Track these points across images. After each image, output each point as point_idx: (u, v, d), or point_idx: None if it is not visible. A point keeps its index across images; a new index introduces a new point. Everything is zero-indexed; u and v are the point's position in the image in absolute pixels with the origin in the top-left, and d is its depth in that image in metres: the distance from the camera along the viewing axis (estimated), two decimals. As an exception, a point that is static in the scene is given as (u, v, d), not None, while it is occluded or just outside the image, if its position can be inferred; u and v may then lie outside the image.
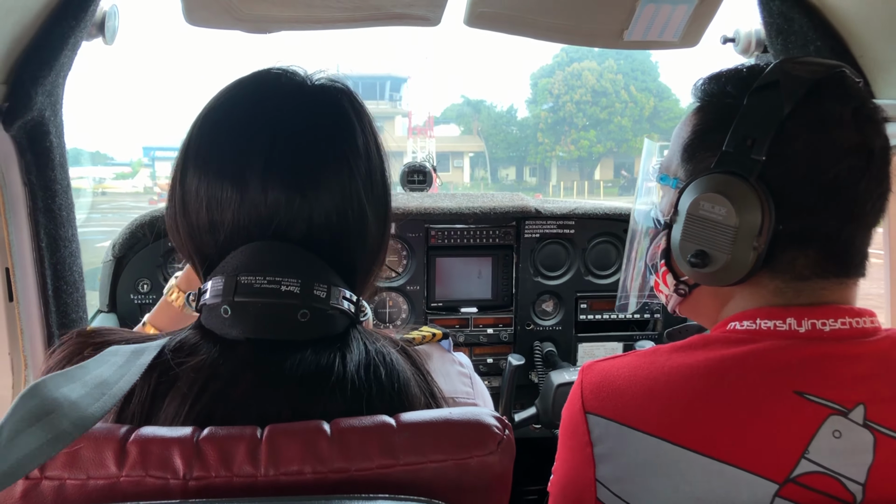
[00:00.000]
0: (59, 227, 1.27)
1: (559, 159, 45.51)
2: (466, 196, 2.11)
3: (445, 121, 50.11)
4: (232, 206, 0.72)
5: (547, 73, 45.15)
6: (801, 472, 0.73)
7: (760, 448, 0.75)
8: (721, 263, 0.83)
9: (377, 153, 0.81)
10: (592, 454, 0.84)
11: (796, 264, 0.82)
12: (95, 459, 0.60)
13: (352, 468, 0.61)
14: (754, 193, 0.80)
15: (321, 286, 0.71)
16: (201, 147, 0.75)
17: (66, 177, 1.29)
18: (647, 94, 42.87)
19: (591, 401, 0.86)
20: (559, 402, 1.61)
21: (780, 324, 0.81)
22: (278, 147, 0.73)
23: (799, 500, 0.73)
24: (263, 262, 0.71)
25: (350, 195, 0.75)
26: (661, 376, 0.82)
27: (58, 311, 1.28)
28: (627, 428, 0.81)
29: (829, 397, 0.75)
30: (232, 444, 0.61)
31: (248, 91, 0.78)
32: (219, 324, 0.71)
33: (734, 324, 0.85)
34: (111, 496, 0.60)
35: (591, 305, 2.13)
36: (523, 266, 2.08)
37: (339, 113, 0.78)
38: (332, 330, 0.73)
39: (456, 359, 0.91)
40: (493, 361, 2.11)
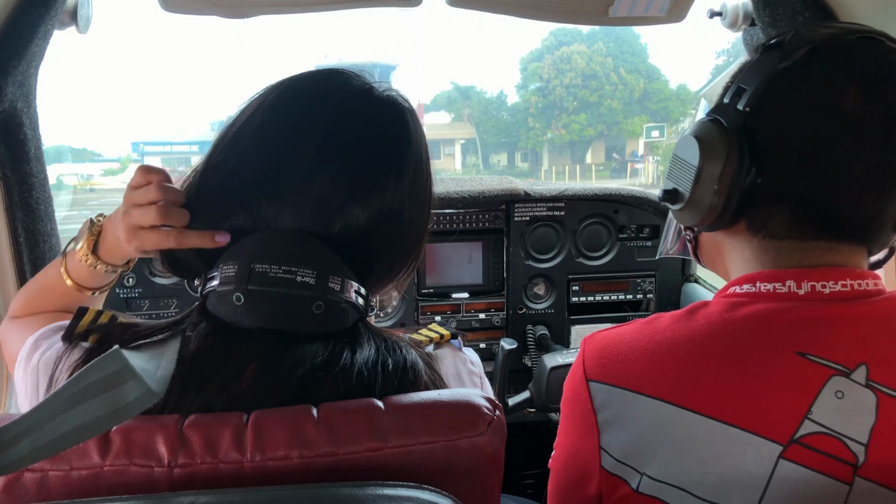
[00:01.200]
0: (38, 221, 1.24)
1: (550, 144, 45.45)
2: (455, 180, 2.10)
3: (435, 108, 49.93)
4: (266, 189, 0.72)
5: (536, 58, 44.98)
6: (805, 432, 0.73)
7: (764, 409, 0.74)
8: (684, 202, 0.89)
9: (427, 171, 0.83)
10: (596, 422, 0.83)
11: (771, 221, 0.83)
12: (78, 449, 0.59)
13: (340, 452, 0.61)
14: (724, 139, 0.82)
15: (336, 279, 0.71)
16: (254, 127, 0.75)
17: (43, 170, 1.26)
18: (637, 76, 42.78)
19: (592, 368, 0.86)
20: (553, 385, 1.60)
21: (779, 286, 0.81)
22: (332, 143, 0.73)
23: (803, 460, 0.73)
24: (279, 251, 0.70)
25: (391, 205, 0.76)
26: (664, 340, 0.82)
27: None
28: (630, 392, 0.81)
29: (831, 358, 0.75)
30: (217, 431, 0.60)
31: (317, 82, 0.79)
32: (230, 311, 0.70)
33: (735, 287, 0.85)
34: (95, 486, 0.59)
35: (583, 287, 2.13)
36: (514, 250, 2.07)
37: (400, 125, 0.80)
38: (343, 324, 0.73)
39: (467, 357, 0.90)
40: (485, 346, 2.11)
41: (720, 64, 40.54)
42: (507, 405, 1.66)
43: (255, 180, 0.73)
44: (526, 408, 1.68)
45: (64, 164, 28.50)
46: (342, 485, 0.57)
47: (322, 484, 0.57)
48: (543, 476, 2.33)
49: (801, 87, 0.79)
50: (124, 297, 1.87)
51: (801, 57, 0.79)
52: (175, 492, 0.57)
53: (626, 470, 0.81)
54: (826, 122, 0.78)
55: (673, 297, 2.18)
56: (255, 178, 0.73)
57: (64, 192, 13.69)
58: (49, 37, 1.22)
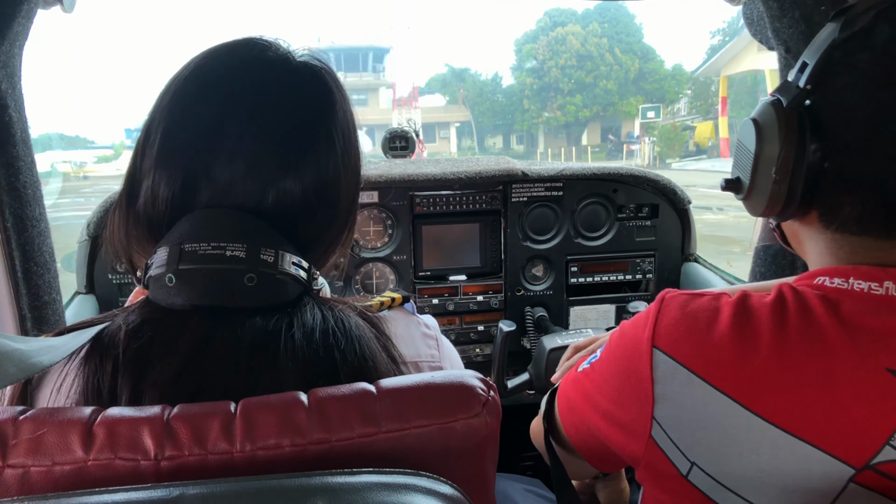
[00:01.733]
0: (25, 206, 1.21)
1: (546, 125, 45.35)
2: (451, 161, 2.07)
3: (430, 91, 49.74)
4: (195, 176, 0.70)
5: (531, 39, 44.77)
6: (883, 459, 0.66)
7: (842, 428, 0.68)
8: (745, 190, 0.83)
9: (354, 137, 0.81)
10: (652, 391, 0.77)
11: (842, 212, 0.75)
12: (60, 444, 0.57)
13: (332, 439, 0.59)
14: (780, 120, 0.76)
15: (268, 251, 0.70)
16: (174, 112, 0.73)
17: (30, 153, 1.23)
18: (632, 56, 42.59)
19: (664, 337, 0.78)
20: (552, 366, 1.59)
21: (875, 286, 0.72)
22: (256, 118, 0.72)
23: (876, 487, 0.67)
24: (208, 229, 0.69)
25: (326, 172, 0.75)
26: (748, 332, 0.74)
27: (28, 292, 1.24)
28: (697, 377, 0.74)
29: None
30: (205, 421, 0.58)
31: (230, 58, 0.76)
32: (164, 294, 0.69)
33: (823, 279, 0.76)
34: (79, 481, 0.57)
35: (581, 268, 2.11)
36: (511, 231, 2.04)
37: (323, 92, 0.78)
38: (283, 296, 0.71)
39: (421, 321, 0.88)
40: (483, 329, 2.09)
41: (715, 44, 40.31)
42: (506, 387, 1.64)
43: (184, 166, 0.71)
44: (525, 390, 1.67)
45: (57, 152, 28.34)
46: (336, 473, 0.55)
47: (315, 472, 0.55)
48: (542, 457, 2.33)
49: (862, 56, 0.72)
50: (118, 282, 1.84)
51: (866, 23, 0.72)
52: (164, 482, 0.55)
53: (675, 451, 0.76)
54: (888, 93, 0.70)
55: (673, 277, 2.16)
56: (184, 163, 0.71)
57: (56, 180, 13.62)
58: (33, 16, 1.19)
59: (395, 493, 0.54)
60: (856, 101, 0.72)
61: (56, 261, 1.32)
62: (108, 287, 1.84)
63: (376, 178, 1.93)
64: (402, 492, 0.55)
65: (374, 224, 2.00)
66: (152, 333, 0.67)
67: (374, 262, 2.01)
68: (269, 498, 0.53)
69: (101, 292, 1.84)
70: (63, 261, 1.79)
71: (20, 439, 0.57)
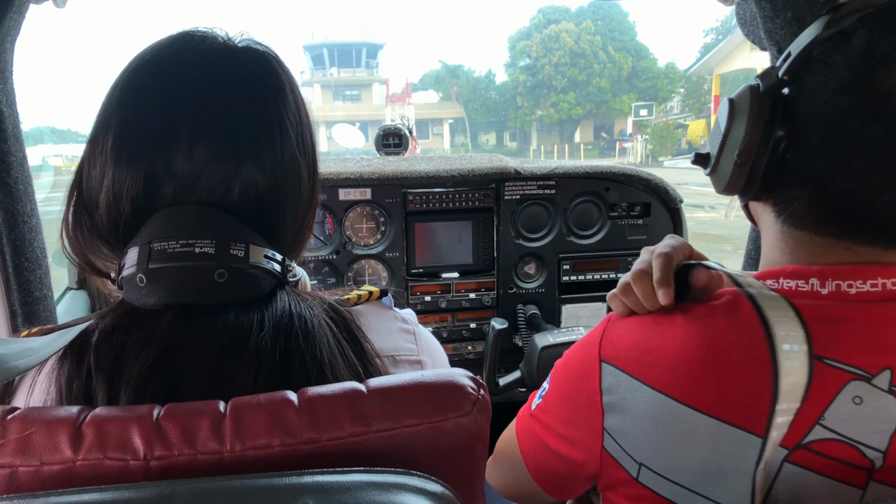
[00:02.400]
0: (17, 201, 1.21)
1: (539, 123, 45.37)
2: (444, 158, 2.07)
3: (424, 87, 49.66)
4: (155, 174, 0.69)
5: (524, 36, 44.79)
6: (814, 438, 0.70)
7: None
8: (710, 166, 0.87)
9: (306, 115, 0.80)
10: (601, 402, 0.82)
11: (792, 205, 0.78)
12: (49, 444, 0.56)
13: (322, 438, 0.59)
14: (753, 104, 0.78)
15: (238, 245, 0.69)
16: (124, 113, 0.72)
17: (22, 148, 1.22)
18: (625, 54, 42.69)
19: (608, 350, 0.84)
20: (544, 364, 1.59)
21: (802, 284, 0.75)
22: (206, 109, 0.71)
23: (809, 465, 0.70)
24: (176, 227, 0.68)
25: (283, 157, 0.74)
26: (679, 333, 0.78)
27: (20, 288, 1.23)
28: (637, 381, 0.79)
29: (851, 361, 0.70)
30: (194, 421, 0.58)
31: (171, 53, 0.75)
32: (136, 294, 0.68)
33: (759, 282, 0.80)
34: (67, 482, 0.56)
35: (573, 266, 2.11)
36: (504, 229, 2.05)
37: (269, 74, 0.77)
38: (257, 290, 0.70)
39: (398, 315, 0.87)
40: (476, 326, 2.09)
41: (708, 42, 40.44)
42: (498, 385, 1.65)
43: (143, 163, 0.70)
44: (517, 388, 1.67)
45: (49, 146, 28.16)
46: (327, 472, 0.55)
47: (306, 471, 0.55)
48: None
49: (837, 57, 0.72)
50: (108, 279, 1.83)
51: (848, 25, 0.72)
52: (154, 481, 0.55)
53: (625, 456, 0.80)
54: (857, 98, 0.70)
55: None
56: (142, 161, 0.70)
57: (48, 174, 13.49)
58: (24, 10, 1.18)
59: (386, 492, 0.54)
60: (822, 101, 0.73)
61: (48, 256, 1.32)
62: (99, 283, 1.83)
63: (369, 175, 1.92)
64: (393, 491, 0.55)
65: (367, 221, 2.00)
66: (125, 335, 0.66)
67: (366, 258, 2.01)
68: (260, 496, 0.53)
69: (93, 288, 1.83)
70: (54, 256, 1.78)
71: (8, 439, 0.56)
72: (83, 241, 0.74)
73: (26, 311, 1.25)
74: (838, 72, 0.72)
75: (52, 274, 1.35)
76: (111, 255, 0.73)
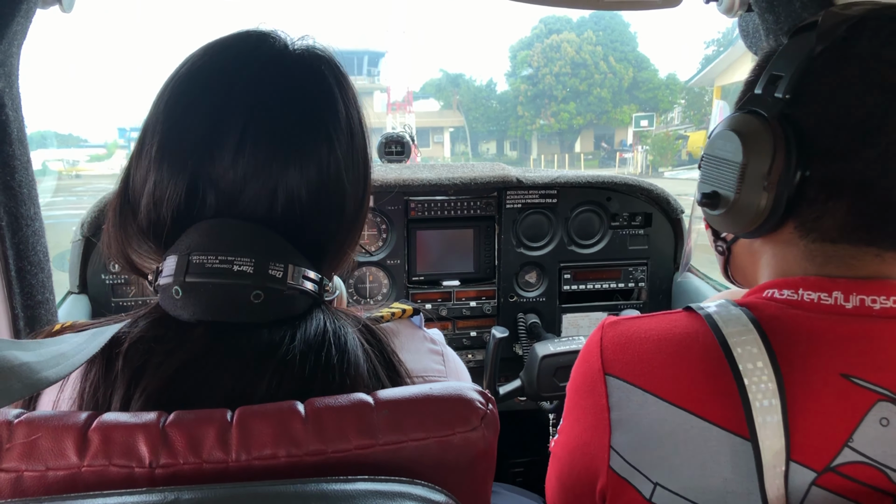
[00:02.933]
0: (20, 205, 1.21)
1: (539, 132, 45.42)
2: (446, 166, 2.07)
3: (425, 95, 49.73)
4: (198, 183, 0.68)
5: (526, 46, 44.88)
6: (843, 461, 0.68)
7: (800, 433, 0.69)
8: (730, 204, 0.81)
9: (360, 128, 0.78)
10: (609, 419, 0.78)
11: (824, 221, 0.76)
12: (54, 449, 0.56)
13: (328, 450, 0.58)
14: (767, 131, 0.76)
15: (277, 265, 0.68)
16: (170, 119, 0.71)
17: (26, 152, 1.22)
18: (626, 65, 42.76)
19: (612, 362, 0.80)
20: (544, 373, 1.59)
21: (825, 297, 0.74)
22: (253, 121, 0.69)
23: (838, 489, 0.68)
24: (216, 241, 0.67)
25: (328, 170, 0.72)
26: (694, 344, 0.76)
27: (22, 291, 1.23)
28: (651, 395, 0.75)
29: (878, 381, 0.69)
30: (200, 429, 0.58)
31: (226, 56, 0.74)
32: (171, 305, 0.68)
33: (772, 291, 0.78)
34: (72, 487, 0.56)
35: (574, 275, 2.11)
36: (505, 237, 2.05)
37: (320, 83, 0.75)
38: (291, 311, 0.70)
39: (427, 335, 0.86)
40: (476, 335, 2.09)
41: (709, 54, 40.53)
42: (498, 394, 1.65)
43: (186, 169, 0.69)
44: (517, 396, 1.67)
45: (49, 150, 28.19)
46: (331, 480, 0.55)
47: (310, 479, 0.55)
48: (533, 464, 2.33)
49: (846, 65, 0.73)
50: (111, 282, 1.84)
51: (842, 34, 0.74)
52: (158, 487, 0.55)
53: (635, 474, 0.76)
54: (878, 98, 0.71)
55: (665, 286, 2.17)
56: (186, 166, 0.69)
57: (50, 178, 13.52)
58: (31, 15, 1.18)
59: (390, 500, 0.54)
60: (842, 109, 0.73)
61: (50, 260, 1.32)
62: (100, 287, 1.83)
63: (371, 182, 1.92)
64: (397, 499, 0.55)
65: (369, 228, 2.00)
66: (154, 343, 0.66)
67: (367, 266, 2.01)
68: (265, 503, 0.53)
69: (94, 292, 1.83)
70: (55, 260, 1.78)
71: (14, 443, 0.56)
72: (126, 237, 0.73)
73: (28, 314, 1.25)
74: (851, 76, 0.72)
75: (52, 278, 1.35)
76: (152, 256, 0.72)
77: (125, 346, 0.66)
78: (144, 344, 0.66)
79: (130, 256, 0.74)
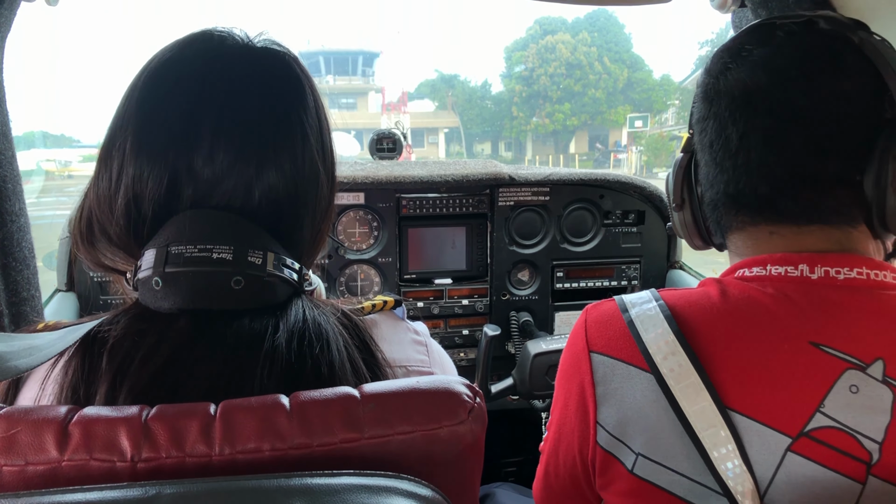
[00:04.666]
0: (5, 200, 1.19)
1: (534, 133, 45.50)
2: (438, 164, 2.06)
3: (419, 96, 49.76)
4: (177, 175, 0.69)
5: (521, 47, 44.97)
6: (816, 426, 0.71)
7: (774, 399, 0.72)
8: None
9: (326, 120, 0.79)
10: (594, 394, 0.81)
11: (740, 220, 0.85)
12: (34, 444, 0.55)
13: (313, 444, 0.58)
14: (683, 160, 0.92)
15: (256, 252, 0.68)
16: (144, 115, 0.71)
17: (11, 147, 1.21)
18: (621, 66, 42.89)
19: (595, 339, 0.83)
20: (536, 371, 1.58)
21: (791, 269, 0.78)
22: (228, 112, 0.70)
23: (812, 455, 0.70)
24: (195, 231, 0.67)
25: (303, 159, 0.73)
26: (671, 317, 0.79)
27: (7, 288, 1.21)
28: (634, 367, 0.78)
29: (846, 350, 0.72)
30: (183, 423, 0.57)
31: (192, 53, 0.74)
32: (152, 297, 0.68)
33: (743, 270, 0.83)
34: (52, 482, 0.55)
35: (567, 274, 2.10)
36: (498, 235, 2.04)
37: (290, 78, 0.76)
38: (272, 298, 0.70)
39: (410, 327, 0.87)
40: (468, 333, 2.08)
41: (703, 55, 40.64)
42: (490, 392, 1.64)
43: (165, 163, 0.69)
44: (509, 395, 1.66)
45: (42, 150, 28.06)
46: (316, 474, 0.54)
47: (294, 473, 0.54)
48: (525, 464, 2.32)
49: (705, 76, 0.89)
50: (98, 280, 1.82)
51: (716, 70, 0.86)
52: (139, 482, 0.54)
53: (619, 446, 0.79)
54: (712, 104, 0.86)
55: (657, 284, 2.16)
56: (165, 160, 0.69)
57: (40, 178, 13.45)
58: (15, 6, 1.17)
59: (376, 495, 0.53)
60: None
61: (36, 258, 1.30)
62: (88, 285, 1.82)
63: (363, 179, 1.92)
64: (383, 494, 0.54)
65: (360, 225, 1.99)
66: (137, 337, 0.65)
67: (358, 263, 2.00)
68: (248, 498, 0.52)
69: (82, 290, 1.82)
70: (44, 259, 1.76)
71: None
72: (95, 247, 0.73)
73: (13, 311, 1.24)
74: None
75: (40, 277, 1.34)
76: (126, 260, 0.72)
77: (109, 343, 0.65)
78: (128, 340, 0.65)
79: (104, 263, 0.74)
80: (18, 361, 0.59)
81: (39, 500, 0.51)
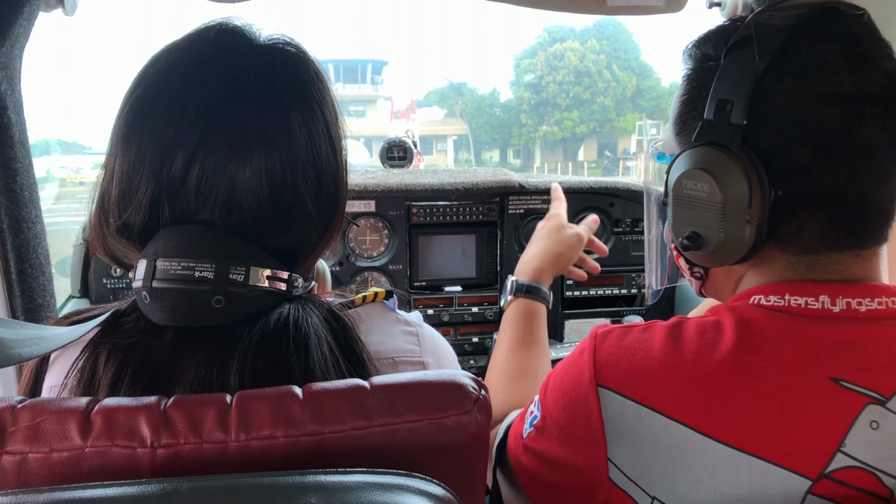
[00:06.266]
0: (22, 207, 1.22)
1: (543, 140, 45.51)
2: (448, 172, 2.08)
3: (428, 104, 49.89)
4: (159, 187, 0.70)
5: (529, 54, 45.04)
6: (837, 466, 0.68)
7: (793, 440, 0.69)
8: (715, 243, 0.79)
9: (335, 126, 0.79)
10: (604, 431, 0.77)
11: (803, 235, 0.76)
12: (58, 431, 0.58)
13: (325, 431, 0.60)
14: (737, 163, 0.75)
15: (238, 269, 0.69)
16: (132, 121, 0.72)
17: (28, 155, 1.24)
18: (630, 74, 42.87)
19: (606, 374, 0.78)
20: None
21: (811, 301, 0.74)
22: (216, 117, 0.70)
23: (833, 496, 0.68)
24: (180, 246, 0.69)
25: (293, 172, 0.73)
26: (687, 353, 0.75)
27: (23, 295, 1.24)
28: (646, 409, 0.74)
29: (867, 384, 0.69)
30: (201, 411, 0.60)
31: (185, 57, 0.74)
32: (144, 307, 0.71)
33: (759, 297, 0.77)
34: (76, 468, 0.58)
35: (577, 281, 2.11)
36: (508, 243, 2.05)
37: (296, 77, 0.76)
38: (256, 310, 0.71)
39: (401, 317, 0.86)
40: (478, 341, 2.09)
41: (713, 62, 40.51)
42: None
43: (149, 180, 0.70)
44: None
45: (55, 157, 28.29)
46: (329, 472, 0.56)
47: (308, 470, 0.56)
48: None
49: (796, 77, 0.73)
50: (112, 287, 1.84)
51: (781, 45, 0.74)
52: (157, 477, 0.56)
53: (635, 488, 0.76)
54: (833, 110, 0.72)
55: (667, 292, 2.16)
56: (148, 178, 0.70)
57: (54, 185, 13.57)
58: (34, 18, 1.20)
59: (388, 492, 0.55)
60: (802, 124, 0.73)
61: (51, 264, 1.32)
62: (102, 291, 1.84)
63: (373, 187, 1.94)
64: (395, 491, 0.55)
65: (371, 233, 2.01)
66: (130, 350, 0.69)
67: (369, 271, 2.02)
68: (263, 495, 0.54)
69: (96, 297, 1.84)
70: (57, 266, 1.79)
71: (18, 426, 0.58)
72: (105, 238, 0.76)
73: (28, 317, 1.26)
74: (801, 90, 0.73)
75: (54, 283, 1.36)
76: (130, 252, 0.75)
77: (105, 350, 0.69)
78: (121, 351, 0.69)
79: (114, 254, 0.77)
80: (21, 350, 0.62)
81: (61, 496, 0.53)
